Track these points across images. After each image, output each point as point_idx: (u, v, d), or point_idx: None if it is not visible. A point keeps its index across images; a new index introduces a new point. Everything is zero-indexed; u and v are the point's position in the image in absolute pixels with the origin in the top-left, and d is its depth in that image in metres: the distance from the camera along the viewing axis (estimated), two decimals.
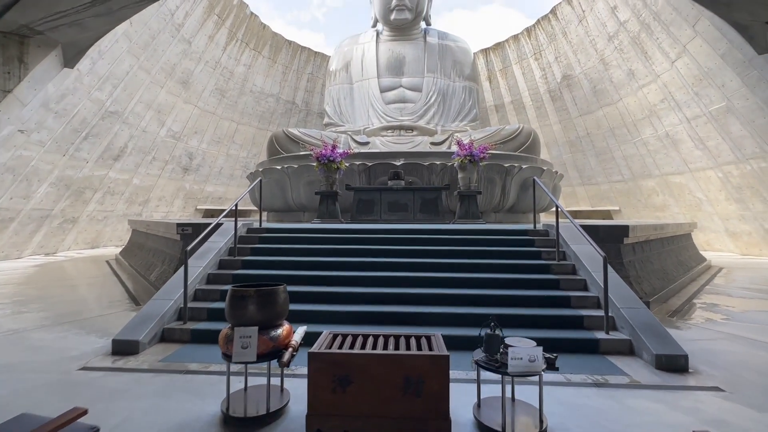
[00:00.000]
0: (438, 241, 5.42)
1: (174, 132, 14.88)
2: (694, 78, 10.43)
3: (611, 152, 15.45)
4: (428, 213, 8.24)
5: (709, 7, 4.58)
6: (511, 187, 9.48)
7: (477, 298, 4.14)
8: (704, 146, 11.54)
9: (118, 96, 11.07)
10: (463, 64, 14.92)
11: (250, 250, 5.22)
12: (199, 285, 4.45)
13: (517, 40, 17.61)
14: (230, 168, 18.37)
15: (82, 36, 5.06)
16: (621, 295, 3.90)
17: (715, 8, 4.54)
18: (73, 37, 4.99)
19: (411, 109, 14.22)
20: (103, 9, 4.73)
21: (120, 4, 4.75)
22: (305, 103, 20.16)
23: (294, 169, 9.78)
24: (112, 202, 13.62)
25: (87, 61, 8.60)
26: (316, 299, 4.23)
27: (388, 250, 5.19)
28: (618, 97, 14.16)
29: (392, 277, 4.54)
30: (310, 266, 4.87)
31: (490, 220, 9.71)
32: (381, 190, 8.29)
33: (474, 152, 7.99)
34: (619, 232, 5.28)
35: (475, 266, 4.74)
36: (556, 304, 4.09)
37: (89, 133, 10.81)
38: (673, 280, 6.60)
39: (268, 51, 17.54)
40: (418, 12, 14.43)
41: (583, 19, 14.33)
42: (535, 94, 17.64)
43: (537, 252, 5.02)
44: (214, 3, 13.56)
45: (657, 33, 11.03)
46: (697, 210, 13.02)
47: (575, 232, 5.14)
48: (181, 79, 13.87)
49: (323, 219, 8.18)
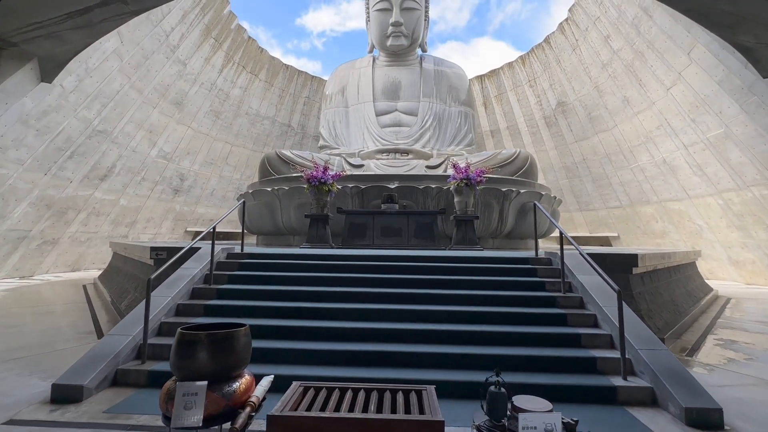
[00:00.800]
0: (433, 270, 5.01)
1: (165, 152, 14.62)
2: (690, 105, 10.40)
3: (608, 178, 15.33)
4: (423, 238, 7.86)
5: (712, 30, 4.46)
6: (509, 212, 9.17)
7: (476, 335, 3.70)
8: (702, 173, 11.40)
9: (108, 115, 10.83)
10: (458, 90, 14.97)
11: (227, 277, 4.78)
12: (166, 317, 3.98)
13: (511, 68, 17.85)
14: (223, 190, 18.04)
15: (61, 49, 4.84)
16: (638, 334, 3.48)
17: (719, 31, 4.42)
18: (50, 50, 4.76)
19: (406, 133, 14.11)
20: (82, 21, 4.51)
21: (100, 17, 4.53)
22: (301, 126, 20.13)
23: (284, 191, 9.45)
24: (97, 223, 13.14)
25: (72, 78, 8.39)
26: (296, 335, 3.77)
27: (379, 279, 4.77)
28: (613, 123, 14.17)
29: (382, 310, 4.10)
30: (293, 296, 4.42)
31: (487, 246, 9.34)
32: (374, 213, 7.94)
33: (470, 176, 7.71)
34: (628, 261, 4.92)
35: (473, 298, 4.32)
36: (564, 342, 3.65)
37: (75, 152, 10.48)
38: (684, 313, 6.19)
39: (265, 74, 17.62)
40: (414, 38, 14.58)
41: (577, 48, 14.54)
42: (531, 120, 17.72)
43: (540, 283, 4.61)
44: (211, 26, 13.64)
45: (651, 61, 11.11)
46: (698, 237, 12.75)
47: (581, 260, 4.76)
48: (174, 100, 13.74)
49: (313, 243, 7.77)
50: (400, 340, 3.70)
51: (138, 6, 4.53)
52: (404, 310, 4.07)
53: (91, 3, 4.35)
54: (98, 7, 4.41)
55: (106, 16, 4.56)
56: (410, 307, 4.14)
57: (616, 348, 3.55)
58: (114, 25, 4.76)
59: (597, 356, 3.38)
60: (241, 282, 4.75)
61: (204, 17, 12.94)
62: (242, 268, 5.07)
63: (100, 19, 4.58)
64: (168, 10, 10.84)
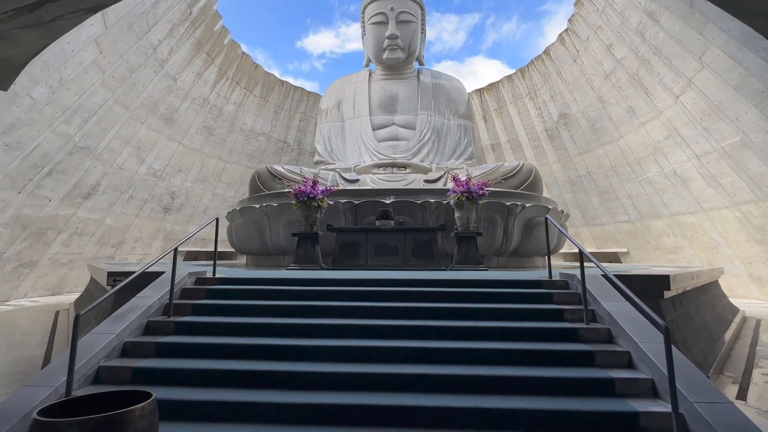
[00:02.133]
0: (432, 296, 4.31)
1: (155, 170, 14.12)
2: (702, 112, 9.87)
3: (615, 191, 14.72)
4: (421, 257, 7.18)
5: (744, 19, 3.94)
6: (514, 228, 8.51)
7: (485, 381, 2.98)
8: (717, 184, 10.77)
9: (90, 130, 10.35)
10: (457, 103, 14.55)
11: (191, 308, 4.09)
12: (107, 360, 3.28)
13: (511, 81, 17.52)
14: (216, 208, 17.45)
15: (13, 52, 4.35)
16: (689, 379, 2.76)
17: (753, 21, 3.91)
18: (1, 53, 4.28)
19: (404, 147, 13.61)
20: (33, 18, 4.01)
21: (53, 14, 4.04)
22: (297, 142, 19.73)
23: (273, 208, 8.84)
24: (80, 243, 12.50)
25: (43, 89, 7.92)
26: (265, 382, 3.06)
27: (371, 309, 4.08)
28: (618, 134, 13.66)
29: (373, 348, 3.40)
30: (266, 331, 3.73)
31: (491, 265, 8.63)
32: (367, 231, 7.29)
33: (472, 189, 7.10)
34: (659, 283, 4.23)
35: (479, 332, 3.62)
36: (593, 389, 2.93)
37: (53, 169, 9.95)
38: (718, 341, 5.44)
39: (260, 90, 17.32)
40: (410, 52, 14.27)
41: (578, 59, 14.19)
42: (532, 133, 17.26)
43: (558, 311, 3.91)
44: (203, 41, 13.35)
45: (658, 68, 10.65)
46: (715, 252, 12.02)
47: (604, 284, 4.08)
48: (164, 116, 13.32)
49: (301, 264, 7.10)
50: (393, 388, 2.99)
51: (95, 1, 4.04)
52: (398, 349, 3.37)
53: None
54: (49, 2, 3.91)
55: (60, 12, 4.07)
56: (405, 344, 3.44)
57: (661, 398, 2.83)
58: (71, 23, 4.27)
59: (639, 410, 2.66)
60: (207, 313, 4.06)
61: (195, 31, 12.65)
62: (211, 295, 4.39)
63: (53, 16, 4.09)
64: (154, 22, 10.51)
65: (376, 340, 3.54)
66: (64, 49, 7.79)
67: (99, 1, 4.05)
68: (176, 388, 2.99)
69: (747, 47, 7.43)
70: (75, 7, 4.04)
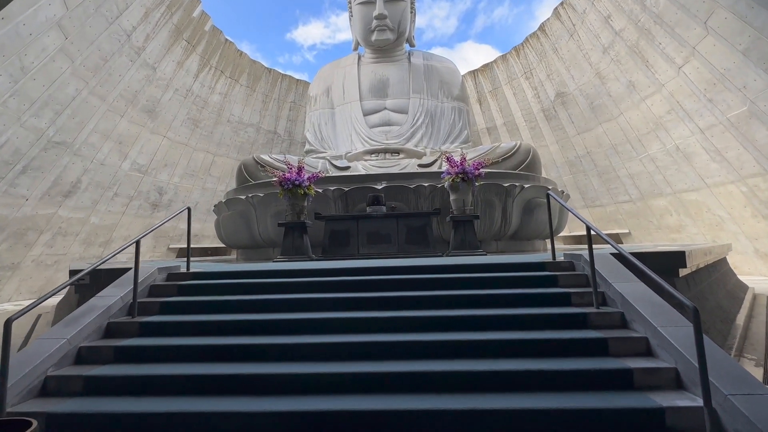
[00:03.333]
0: (428, 284, 3.93)
1: (140, 165, 13.61)
2: (706, 83, 9.41)
3: (615, 171, 14.31)
4: (416, 244, 6.79)
5: None
6: (513, 211, 8.12)
7: (487, 377, 2.61)
8: (722, 158, 10.37)
9: (65, 124, 9.82)
10: (450, 85, 14.02)
11: (159, 306, 3.70)
12: (56, 369, 2.89)
13: (505, 60, 16.96)
14: (207, 203, 16.97)
15: None
16: (721, 368, 2.39)
17: None
18: None
19: (397, 132, 13.11)
20: None
21: None
22: (288, 132, 19.18)
23: (260, 199, 8.42)
24: (65, 243, 12.06)
25: (3, 79, 7.38)
26: (235, 388, 2.68)
27: (360, 299, 3.69)
28: (618, 111, 13.20)
29: (361, 344, 3.02)
30: (241, 329, 3.35)
31: (490, 250, 8.26)
32: (358, 218, 6.88)
33: (467, 169, 6.68)
34: (674, 261, 3.85)
35: (480, 322, 3.24)
36: (611, 383, 2.57)
37: (28, 166, 9.46)
38: (733, 320, 5.10)
39: (246, 79, 16.71)
40: (400, 32, 13.68)
41: (574, 33, 13.64)
42: (529, 115, 16.76)
43: (564, 295, 3.54)
44: (182, 27, 12.73)
45: (659, 38, 10.15)
46: (719, 230, 11.68)
47: (615, 264, 3.70)
48: (146, 108, 12.77)
49: (289, 256, 6.70)
50: (387, 389, 2.62)
51: None
52: (390, 344, 2.99)
53: None
54: None
55: None
56: (398, 337, 3.06)
57: (687, 390, 2.47)
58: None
59: (663, 405, 2.30)
60: (177, 311, 3.67)
61: (172, 17, 12.03)
62: (182, 292, 3.99)
63: None
64: (125, 6, 9.90)
65: (365, 335, 3.16)
66: (19, 32, 7.23)
67: None
68: (134, 399, 2.61)
69: (760, 4, 6.94)
70: None
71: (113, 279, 4.16)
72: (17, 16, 7.05)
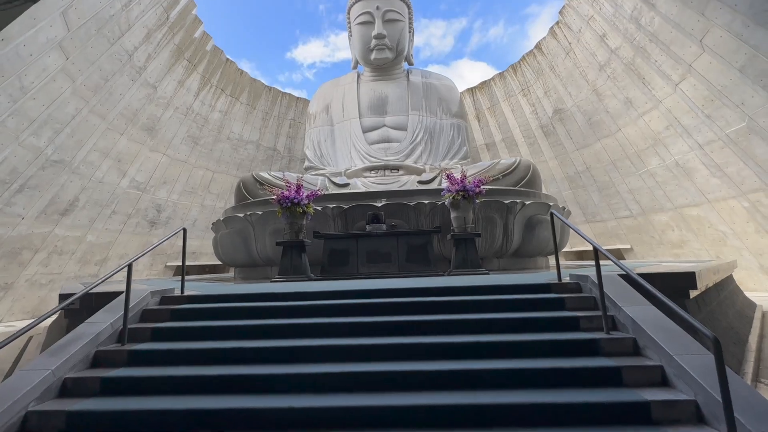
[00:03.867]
0: (431, 308, 3.79)
1: (138, 182, 13.56)
2: (703, 99, 9.46)
3: (615, 186, 14.29)
4: (416, 262, 6.66)
5: None
6: (514, 227, 8.02)
7: (493, 411, 2.46)
8: (723, 173, 10.34)
9: (64, 143, 9.80)
10: (449, 102, 14.14)
11: (151, 332, 3.55)
12: (38, 403, 2.72)
13: (503, 78, 17.17)
14: (205, 220, 16.87)
15: None
16: (745, 401, 2.24)
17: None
18: None
19: (396, 149, 13.15)
20: None
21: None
22: (288, 149, 19.25)
23: (258, 217, 8.33)
24: (60, 262, 11.88)
25: (1, 98, 7.37)
26: (227, 425, 2.52)
27: (359, 324, 3.55)
28: (616, 127, 13.26)
29: (363, 374, 2.87)
30: (236, 357, 3.19)
31: (492, 268, 8.13)
32: (357, 236, 6.77)
33: (467, 187, 6.61)
34: (684, 282, 3.73)
35: (484, 348, 3.10)
36: (627, 417, 2.41)
37: (25, 185, 9.38)
38: (746, 342, 4.93)
39: (247, 97, 16.86)
40: (398, 51, 13.87)
41: (570, 52, 13.83)
42: (527, 131, 16.86)
43: (573, 319, 3.40)
44: (183, 47, 12.89)
45: (655, 55, 10.26)
46: (722, 245, 11.56)
47: (624, 285, 3.58)
48: (146, 126, 12.81)
49: (287, 275, 6.56)
50: (383, 424, 2.46)
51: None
52: (390, 374, 2.84)
53: None
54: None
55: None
56: (398, 367, 2.92)
57: (709, 424, 2.32)
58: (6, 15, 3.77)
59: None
60: (169, 338, 3.52)
61: (173, 37, 12.19)
62: (176, 317, 3.84)
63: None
64: (127, 27, 10.03)
65: (366, 364, 3.01)
66: (19, 53, 7.26)
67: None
68: None
69: (756, 22, 7.02)
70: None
71: (104, 303, 4.02)
72: (17, 38, 7.10)
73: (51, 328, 8.76)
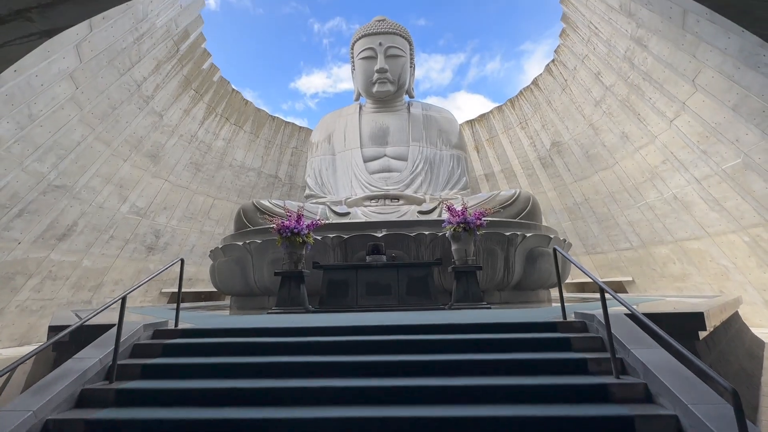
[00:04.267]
0: (433, 347, 3.67)
1: (139, 208, 13.56)
2: (698, 135, 9.66)
3: (614, 218, 14.32)
4: (417, 295, 6.53)
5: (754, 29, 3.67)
6: (515, 260, 7.95)
7: None
8: (721, 207, 10.39)
9: (67, 168, 9.88)
10: (449, 133, 14.43)
11: (140, 369, 3.40)
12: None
13: (501, 111, 17.61)
14: (204, 246, 16.75)
15: None
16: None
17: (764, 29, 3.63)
18: None
19: (397, 178, 13.27)
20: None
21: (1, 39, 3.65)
22: (289, 176, 19.42)
23: (257, 245, 8.26)
24: (53, 288, 11.66)
25: (9, 125, 7.49)
26: None
27: (360, 364, 3.42)
28: (613, 160, 13.46)
29: (363, 419, 2.73)
30: (229, 398, 3.04)
31: (494, 301, 7.99)
32: (357, 267, 6.68)
33: (468, 219, 6.60)
34: (691, 322, 3.63)
35: (491, 392, 2.96)
36: None
37: (24, 210, 9.36)
38: (758, 384, 4.76)
39: (250, 126, 17.19)
40: (400, 84, 14.30)
41: (566, 88, 14.27)
42: (525, 162, 17.11)
43: (580, 361, 3.28)
44: (191, 78, 13.27)
45: (649, 93, 10.57)
46: (725, 279, 11.44)
47: (629, 325, 3.48)
48: (149, 153, 12.97)
49: (284, 307, 6.41)
50: None
51: (47, 25, 3.68)
52: (391, 420, 2.70)
53: None
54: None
55: (9, 37, 3.69)
56: (400, 412, 2.77)
57: None
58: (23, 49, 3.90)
59: None
60: (159, 375, 3.37)
61: (182, 69, 12.58)
62: (168, 352, 3.70)
63: (0, 42, 3.71)
64: (138, 59, 10.36)
65: (366, 408, 2.86)
66: (31, 83, 7.45)
67: (52, 25, 3.69)
68: None
69: (746, 65, 7.28)
70: (26, 32, 3.67)
71: (95, 335, 3.89)
72: (30, 69, 7.31)
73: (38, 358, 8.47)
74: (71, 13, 3.65)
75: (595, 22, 11.77)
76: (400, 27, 14.44)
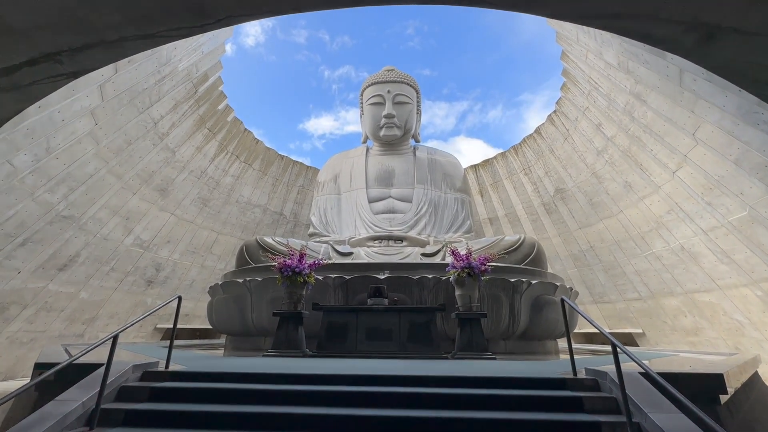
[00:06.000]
0: (435, 401, 3.46)
1: (142, 240, 13.58)
2: (702, 187, 9.71)
3: (621, 267, 14.07)
4: (419, 342, 6.29)
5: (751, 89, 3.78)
6: (521, 308, 7.72)
7: None
8: (731, 260, 10.20)
9: (76, 200, 10.03)
10: (453, 177, 14.66)
11: (124, 415, 3.21)
12: None
13: (504, 157, 17.98)
14: (204, 281, 16.55)
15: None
16: None
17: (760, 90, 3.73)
18: None
19: (401, 220, 13.31)
20: (8, 83, 3.80)
21: (29, 78, 3.85)
22: (294, 214, 19.57)
23: (257, 284, 8.12)
24: (47, 320, 11.41)
25: (26, 157, 7.72)
26: None
27: (358, 419, 3.21)
28: (618, 209, 13.47)
29: None
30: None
31: (499, 350, 7.65)
32: (358, 310, 6.50)
33: (473, 264, 6.50)
34: (711, 384, 3.42)
35: None
36: None
37: (29, 239, 9.39)
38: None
39: (259, 164, 17.62)
40: (406, 129, 14.77)
41: (569, 137, 14.64)
42: (529, 207, 17.18)
43: (594, 425, 3.05)
44: (206, 118, 13.82)
45: (650, 145, 10.80)
46: (740, 335, 10.98)
47: (645, 386, 3.28)
48: (159, 187, 13.21)
49: (280, 350, 6.18)
50: None
51: (75, 67, 3.90)
52: None
53: (17, 61, 3.68)
54: (26, 66, 3.75)
55: (37, 77, 3.90)
56: None
57: None
58: (49, 88, 4.11)
59: None
60: (143, 423, 3.17)
61: (198, 109, 13.14)
62: (155, 397, 3.51)
63: (30, 80, 3.92)
64: (157, 98, 10.87)
65: None
66: (53, 118, 7.79)
67: (79, 67, 3.91)
68: None
69: (745, 122, 7.47)
70: (53, 72, 3.88)
71: (82, 374, 3.72)
72: (54, 105, 7.68)
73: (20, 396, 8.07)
74: (99, 57, 3.88)
75: (594, 78, 12.32)
76: (407, 76, 15.18)
